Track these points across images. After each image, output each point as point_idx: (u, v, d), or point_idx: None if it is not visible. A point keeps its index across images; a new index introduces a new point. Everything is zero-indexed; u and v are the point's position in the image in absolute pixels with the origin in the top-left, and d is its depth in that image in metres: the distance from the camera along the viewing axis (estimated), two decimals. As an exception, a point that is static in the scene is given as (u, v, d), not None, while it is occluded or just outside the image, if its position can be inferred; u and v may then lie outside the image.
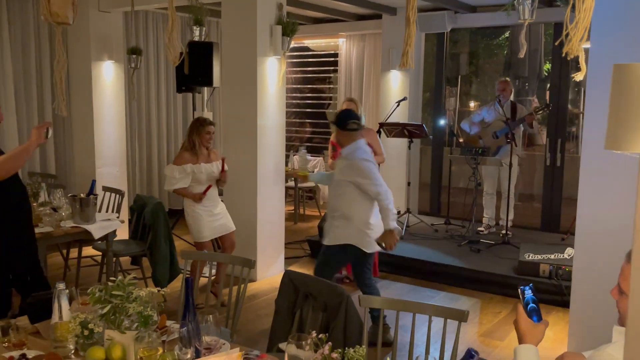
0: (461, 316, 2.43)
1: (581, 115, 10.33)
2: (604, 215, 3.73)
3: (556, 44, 1.88)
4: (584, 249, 3.86)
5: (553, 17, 6.30)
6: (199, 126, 4.56)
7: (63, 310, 2.10)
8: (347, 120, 3.82)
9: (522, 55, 4.16)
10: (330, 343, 1.70)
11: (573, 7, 3.55)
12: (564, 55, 1.30)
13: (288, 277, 2.93)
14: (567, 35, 1.30)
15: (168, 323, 2.35)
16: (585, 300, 3.85)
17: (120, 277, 2.27)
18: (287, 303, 2.92)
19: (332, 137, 5.36)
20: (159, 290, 2.13)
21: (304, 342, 1.82)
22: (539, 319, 1.71)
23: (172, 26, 1.87)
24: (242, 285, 3.03)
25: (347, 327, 2.64)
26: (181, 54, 2.64)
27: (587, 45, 3.80)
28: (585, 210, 3.83)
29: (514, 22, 4.38)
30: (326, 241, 3.99)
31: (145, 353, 1.84)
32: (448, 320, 2.42)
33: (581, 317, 3.89)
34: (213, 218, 4.65)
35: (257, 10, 5.10)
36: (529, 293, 1.73)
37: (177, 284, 5.11)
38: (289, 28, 5.27)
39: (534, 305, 1.72)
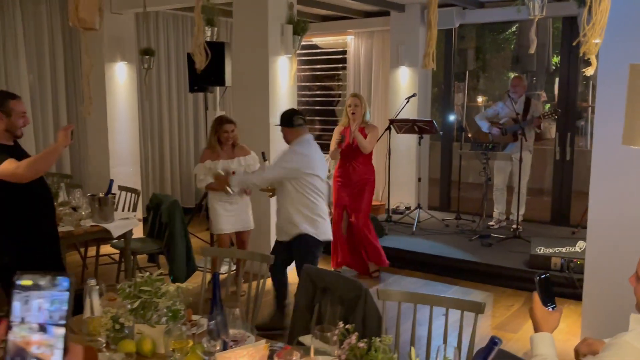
0: (478, 308, 2.49)
1: (590, 109, 10.36)
2: (615, 208, 3.78)
3: (574, 44, 1.96)
4: (596, 241, 3.91)
5: (561, 11, 6.32)
6: (218, 125, 4.72)
7: (94, 305, 2.19)
8: (293, 117, 4.02)
9: (532, 51, 4.21)
10: (356, 333, 1.77)
11: (589, 8, 3.60)
12: (581, 55, 1.36)
13: (306, 272, 3.00)
14: (584, 35, 1.36)
15: (193, 317, 2.43)
16: (598, 292, 3.90)
17: (147, 274, 2.35)
18: (306, 298, 2.99)
19: (340, 124, 5.42)
20: (185, 286, 2.21)
21: (329, 334, 1.90)
22: (553, 305, 1.78)
23: (198, 31, 1.94)
24: (262, 281, 3.10)
25: (365, 320, 2.70)
26: (207, 55, 2.69)
27: (599, 40, 3.86)
28: (597, 203, 3.88)
29: (522, 17, 4.43)
30: (284, 238, 4.10)
31: (176, 345, 1.92)
32: (464, 312, 2.49)
33: (594, 309, 3.94)
34: (229, 213, 4.79)
35: (268, 9, 5.16)
36: (544, 282, 1.81)
37: (194, 280, 5.21)
38: (299, 27, 5.33)
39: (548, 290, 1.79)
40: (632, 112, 1.05)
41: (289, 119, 4.04)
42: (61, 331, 0.84)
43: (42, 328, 0.83)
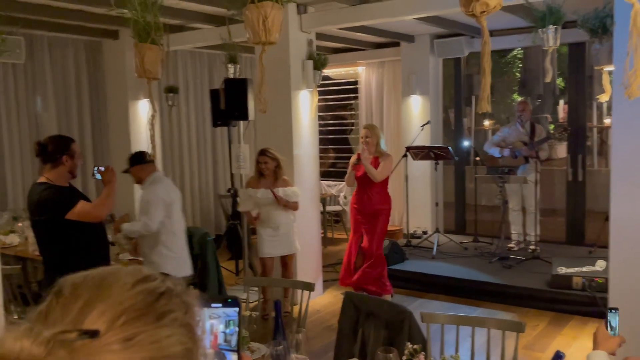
0: (519, 327, 2.64)
1: (594, 129, 10.58)
2: (637, 225, 3.92)
3: (619, 86, 2.18)
4: (619, 260, 4.04)
5: (568, 38, 6.54)
6: (257, 156, 5.07)
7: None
8: (143, 154, 4.21)
9: (548, 79, 4.42)
10: (424, 352, 1.91)
11: (598, 37, 3.80)
12: (625, 96, 1.54)
13: (349, 298, 3.15)
14: (626, 80, 1.54)
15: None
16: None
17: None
18: (349, 323, 3.12)
19: (355, 155, 5.56)
20: (250, 314, 2.36)
21: (391, 355, 2.04)
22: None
23: (262, 80, 2.13)
24: (304, 307, 3.24)
25: (411, 343, 2.84)
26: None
27: (612, 67, 4.06)
28: (619, 221, 4.01)
29: (528, 44, 4.65)
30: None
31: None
32: (496, 332, 2.64)
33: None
34: (273, 238, 5.05)
35: (289, 46, 5.39)
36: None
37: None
38: (319, 62, 5.56)
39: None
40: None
41: (140, 157, 4.19)
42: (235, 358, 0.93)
43: (218, 355, 0.93)
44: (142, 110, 6.79)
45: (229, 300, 0.96)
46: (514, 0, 4.53)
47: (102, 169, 3.50)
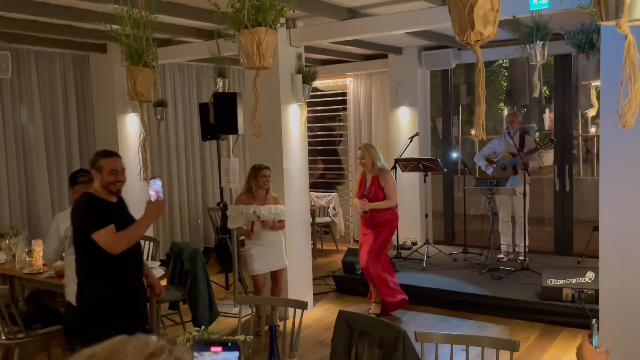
0: (513, 346, 2.65)
1: (580, 138, 10.70)
2: (626, 236, 3.96)
3: (612, 116, 2.22)
4: (608, 271, 4.07)
5: (554, 50, 6.60)
6: (256, 171, 5.00)
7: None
8: (77, 176, 4.07)
9: (536, 94, 4.47)
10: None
11: (585, 53, 3.84)
12: (619, 126, 1.56)
13: (342, 316, 3.14)
14: (620, 109, 1.56)
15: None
16: (615, 322, 4.05)
17: (202, 328, 2.48)
18: (343, 341, 3.11)
19: (357, 175, 5.63)
20: (245, 338, 2.34)
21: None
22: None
23: (256, 105, 2.13)
24: (297, 326, 3.22)
25: (405, 362, 2.84)
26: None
27: (598, 82, 4.11)
28: (608, 233, 4.05)
29: (515, 56, 4.73)
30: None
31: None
32: (490, 349, 2.64)
33: (612, 339, 4.08)
34: (263, 254, 5.03)
35: (278, 61, 5.39)
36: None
37: (216, 325, 5.30)
38: (308, 76, 5.57)
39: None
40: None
41: (72, 178, 4.09)
42: None
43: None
44: (131, 124, 6.75)
45: (229, 344, 0.96)
46: (501, 16, 4.57)
47: (155, 193, 3.22)
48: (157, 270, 4.74)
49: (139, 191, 6.80)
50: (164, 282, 5.55)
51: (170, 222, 7.85)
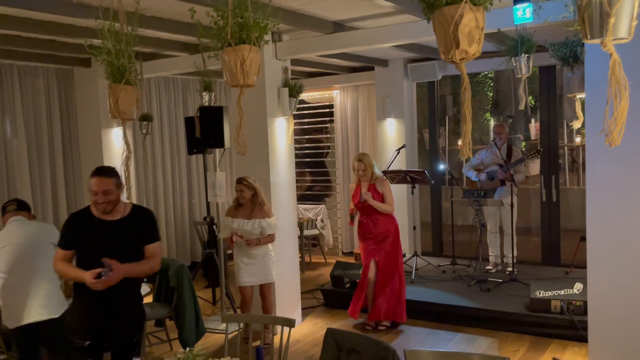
0: (503, 363, 2.62)
1: (565, 147, 10.78)
2: (614, 249, 3.97)
3: (599, 134, 2.22)
4: (597, 283, 4.08)
5: (539, 62, 6.66)
6: (235, 184, 5.03)
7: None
8: (5, 206, 3.97)
9: (522, 107, 4.49)
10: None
11: (569, 65, 3.86)
12: (606, 145, 1.55)
13: (330, 334, 3.10)
14: (607, 128, 1.55)
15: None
16: (604, 332, 4.05)
17: (188, 349, 2.43)
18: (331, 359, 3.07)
19: (352, 182, 5.63)
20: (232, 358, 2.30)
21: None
22: None
23: (240, 123, 2.10)
24: (285, 344, 3.18)
25: (394, 380, 2.80)
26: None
27: (583, 95, 4.13)
28: (596, 244, 4.06)
29: (501, 66, 4.77)
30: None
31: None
32: None
33: (602, 349, 4.08)
34: (249, 266, 5.01)
35: (264, 74, 5.37)
36: None
37: (203, 342, 5.23)
38: (295, 90, 5.56)
39: None
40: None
41: (3, 207, 4.01)
42: None
43: None
44: (116, 138, 6.69)
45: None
46: (486, 29, 4.59)
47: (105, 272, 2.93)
48: (142, 287, 4.67)
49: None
50: (149, 299, 5.49)
51: (156, 236, 7.76)
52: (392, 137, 7.90)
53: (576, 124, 3.62)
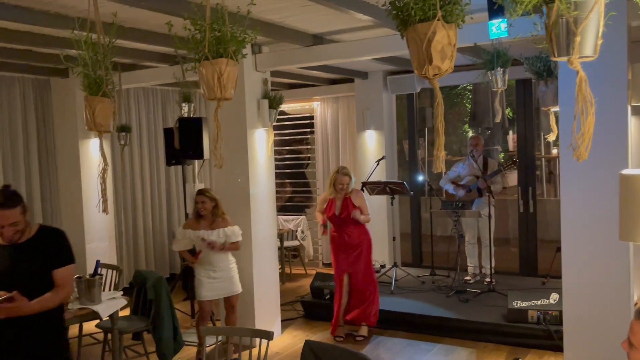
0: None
1: (542, 159, 10.95)
2: (588, 260, 4.04)
3: (567, 148, 2.29)
4: (572, 294, 4.14)
5: (515, 75, 6.77)
6: (195, 196, 4.99)
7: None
8: None
9: (498, 120, 4.56)
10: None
11: (544, 80, 3.94)
12: (574, 159, 1.59)
13: (308, 346, 3.09)
14: (574, 143, 1.59)
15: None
16: (579, 342, 4.11)
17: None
18: (309, 372, 3.06)
19: (326, 194, 5.62)
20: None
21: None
22: None
23: (217, 136, 2.10)
24: (264, 357, 3.16)
25: (372, 392, 2.80)
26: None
27: (557, 108, 4.22)
28: (570, 255, 4.12)
29: (477, 80, 4.86)
30: None
31: None
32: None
33: (576, 359, 4.14)
34: (212, 280, 4.94)
35: (244, 86, 5.39)
36: None
37: (181, 355, 5.18)
38: (275, 101, 5.58)
39: None
40: (625, 213, 1.27)
41: None
42: None
43: None
44: (94, 150, 6.62)
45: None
46: (463, 43, 4.67)
47: None
48: (119, 300, 4.62)
49: (102, 217, 6.67)
50: (127, 312, 5.42)
51: (134, 249, 7.69)
52: (372, 149, 7.96)
53: (551, 137, 3.67)
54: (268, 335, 3.20)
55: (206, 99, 2.14)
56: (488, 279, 6.52)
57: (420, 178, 8.32)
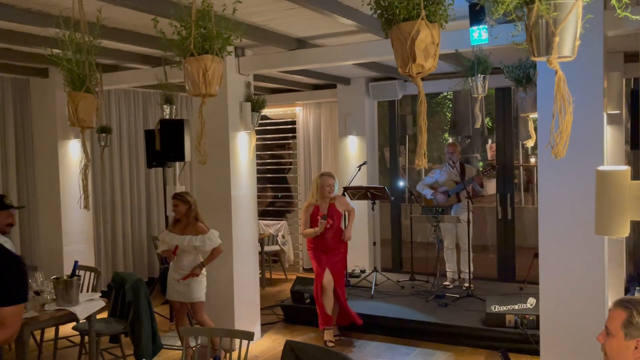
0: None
1: (521, 167, 11.12)
2: (564, 266, 4.10)
3: (545, 147, 2.34)
4: (549, 299, 4.20)
5: (495, 83, 6.87)
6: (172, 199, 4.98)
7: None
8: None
9: (478, 125, 4.62)
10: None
11: (523, 86, 4.01)
12: (552, 156, 1.63)
13: (290, 346, 3.09)
14: (552, 141, 1.63)
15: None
16: (555, 345, 4.17)
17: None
18: (290, 373, 3.06)
19: (310, 201, 5.61)
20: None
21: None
22: None
23: (201, 132, 2.11)
24: (244, 357, 3.16)
25: (352, 391, 2.82)
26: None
27: (536, 115, 4.29)
28: (547, 261, 4.19)
29: (458, 88, 4.94)
30: None
31: None
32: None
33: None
34: (174, 282, 4.95)
35: (227, 88, 5.39)
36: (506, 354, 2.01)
37: (158, 358, 5.13)
38: (257, 104, 5.59)
39: None
40: (601, 209, 1.31)
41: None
42: None
43: None
44: (73, 150, 6.56)
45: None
46: (444, 50, 4.74)
47: None
48: (97, 302, 4.57)
49: (80, 219, 6.60)
50: (104, 315, 5.36)
51: (112, 251, 7.60)
52: (354, 154, 8.00)
53: (529, 143, 3.74)
54: (249, 336, 3.20)
55: (191, 95, 2.15)
56: (467, 284, 6.58)
57: (401, 184, 8.39)
